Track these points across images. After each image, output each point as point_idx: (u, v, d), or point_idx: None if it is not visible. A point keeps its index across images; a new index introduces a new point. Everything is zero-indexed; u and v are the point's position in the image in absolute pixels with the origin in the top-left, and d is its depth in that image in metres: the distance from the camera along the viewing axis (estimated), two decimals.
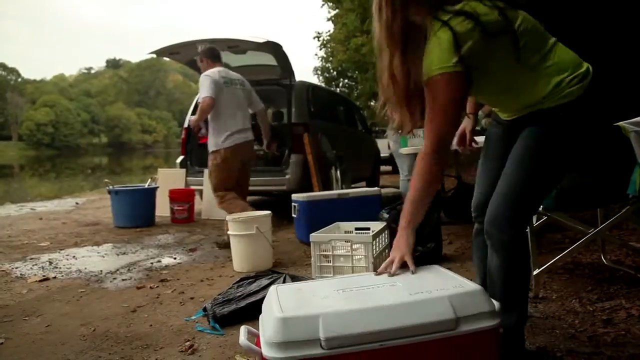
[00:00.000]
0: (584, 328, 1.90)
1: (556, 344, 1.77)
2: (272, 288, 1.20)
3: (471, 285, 1.11)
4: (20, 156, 51.49)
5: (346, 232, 3.09)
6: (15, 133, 68.86)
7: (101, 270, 3.23)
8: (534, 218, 2.47)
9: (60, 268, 3.33)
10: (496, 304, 1.11)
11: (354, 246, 2.69)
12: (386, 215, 3.10)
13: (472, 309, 1.06)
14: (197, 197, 5.48)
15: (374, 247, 2.68)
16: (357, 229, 3.08)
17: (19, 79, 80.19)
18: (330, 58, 19.02)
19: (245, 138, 3.95)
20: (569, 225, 2.57)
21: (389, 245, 3.01)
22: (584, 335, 1.82)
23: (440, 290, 1.08)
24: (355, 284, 1.20)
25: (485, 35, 1.33)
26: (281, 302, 1.08)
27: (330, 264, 2.72)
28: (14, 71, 79.74)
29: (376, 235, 2.76)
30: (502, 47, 1.38)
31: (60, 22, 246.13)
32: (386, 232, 2.99)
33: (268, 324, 1.03)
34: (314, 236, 2.77)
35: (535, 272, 2.25)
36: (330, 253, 2.71)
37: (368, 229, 3.00)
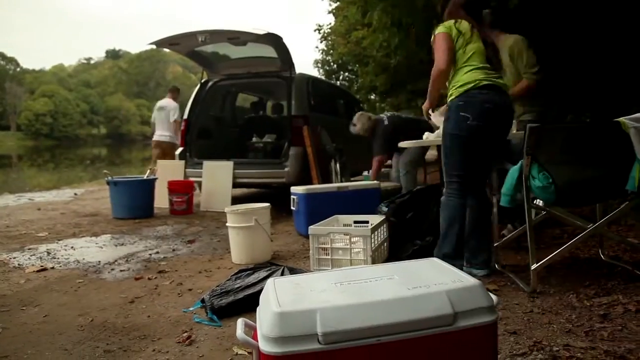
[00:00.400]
0: (581, 323, 1.90)
1: (553, 338, 1.78)
2: (270, 281, 1.20)
3: (470, 280, 1.10)
4: (19, 146, 51.41)
5: (345, 225, 3.09)
6: (14, 123, 68.63)
7: (99, 261, 3.23)
8: (533, 212, 2.47)
9: (58, 258, 3.33)
10: (494, 298, 1.10)
11: (353, 239, 2.69)
12: (385, 209, 3.10)
13: (470, 304, 1.05)
14: (196, 189, 5.48)
15: (373, 240, 2.68)
16: (355, 222, 3.08)
17: (18, 69, 79.80)
18: (331, 51, 18.98)
19: None
20: (568, 221, 2.57)
21: (387, 239, 3.02)
22: (581, 330, 1.83)
23: (438, 285, 1.08)
24: (353, 276, 1.19)
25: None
26: (278, 296, 1.08)
27: (329, 257, 2.72)
28: (12, 61, 79.36)
29: (375, 229, 2.76)
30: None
31: (60, 12, 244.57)
32: (385, 225, 2.99)
33: (265, 318, 1.02)
34: (312, 229, 2.77)
35: (533, 267, 2.25)
36: (329, 246, 2.72)
37: (367, 222, 3.00)
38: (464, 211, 2.48)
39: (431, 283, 1.09)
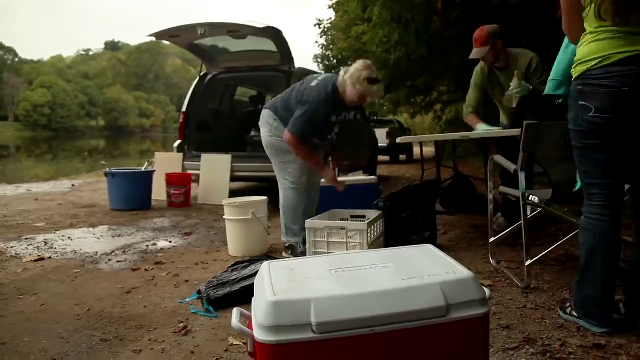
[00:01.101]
0: None
1: (545, 333, 1.80)
2: (265, 265, 1.21)
3: (463, 272, 1.12)
4: (17, 137, 51.27)
5: (342, 219, 3.10)
6: (12, 114, 68.45)
7: (96, 252, 3.24)
8: (529, 209, 2.49)
9: (55, 248, 3.34)
10: (487, 291, 1.12)
11: (349, 233, 2.71)
12: (381, 204, 3.12)
13: (463, 296, 1.07)
14: (193, 182, 5.48)
15: (369, 235, 2.70)
16: (352, 216, 3.10)
17: (16, 59, 79.52)
18: (331, 46, 18.93)
19: None
20: (563, 218, 2.58)
21: (384, 233, 3.03)
22: (573, 326, 1.85)
23: (432, 276, 1.09)
24: (348, 263, 1.20)
25: None
26: (273, 282, 1.09)
27: (325, 251, 2.73)
28: (11, 51, 79.11)
29: (371, 223, 2.77)
30: None
31: (59, 2, 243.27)
32: (381, 220, 3.00)
33: (260, 306, 1.03)
34: (309, 223, 2.78)
35: (527, 263, 2.27)
36: (325, 240, 2.73)
37: (364, 216, 3.02)
38: (612, 236, 1.78)
39: (425, 274, 1.10)
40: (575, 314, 1.87)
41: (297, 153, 2.93)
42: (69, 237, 3.70)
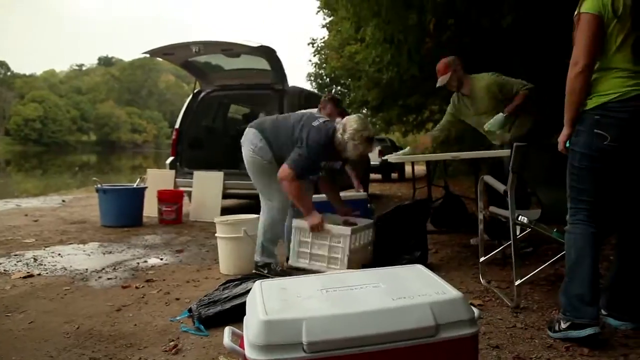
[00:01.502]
0: None
1: (534, 352, 1.81)
2: (257, 284, 1.22)
3: (452, 292, 1.14)
4: (7, 151, 50.90)
5: (334, 224, 3.13)
6: (3, 128, 67.99)
7: (87, 269, 3.21)
8: (518, 229, 2.52)
9: (45, 265, 3.31)
10: (476, 311, 1.14)
11: (333, 239, 2.78)
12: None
13: (452, 316, 1.09)
14: (185, 199, 5.47)
15: (353, 242, 2.74)
16: (345, 222, 3.14)
17: (9, 73, 79.33)
18: (324, 64, 19.12)
19: None
20: (552, 238, 2.62)
21: (373, 242, 3.07)
22: (562, 346, 1.86)
23: (422, 297, 1.11)
24: (339, 282, 1.22)
25: None
26: (265, 301, 1.10)
27: (308, 251, 2.80)
28: (3, 65, 78.89)
29: (356, 231, 2.80)
30: None
31: (54, 17, 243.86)
32: (370, 230, 3.04)
33: (252, 325, 1.04)
34: (296, 221, 2.85)
35: (517, 283, 2.29)
36: (309, 240, 2.79)
37: (356, 224, 3.05)
38: (598, 239, 1.95)
39: (415, 294, 1.12)
40: (563, 325, 1.90)
41: (289, 189, 2.82)
42: (59, 254, 3.67)
